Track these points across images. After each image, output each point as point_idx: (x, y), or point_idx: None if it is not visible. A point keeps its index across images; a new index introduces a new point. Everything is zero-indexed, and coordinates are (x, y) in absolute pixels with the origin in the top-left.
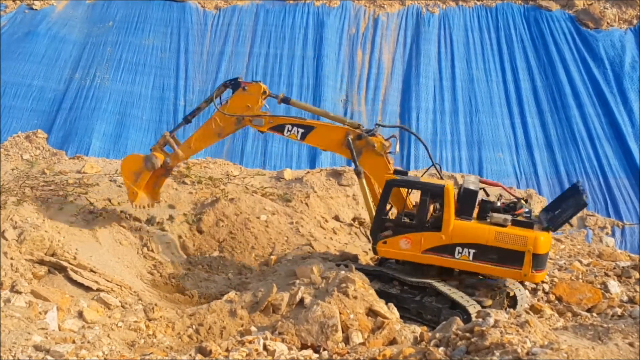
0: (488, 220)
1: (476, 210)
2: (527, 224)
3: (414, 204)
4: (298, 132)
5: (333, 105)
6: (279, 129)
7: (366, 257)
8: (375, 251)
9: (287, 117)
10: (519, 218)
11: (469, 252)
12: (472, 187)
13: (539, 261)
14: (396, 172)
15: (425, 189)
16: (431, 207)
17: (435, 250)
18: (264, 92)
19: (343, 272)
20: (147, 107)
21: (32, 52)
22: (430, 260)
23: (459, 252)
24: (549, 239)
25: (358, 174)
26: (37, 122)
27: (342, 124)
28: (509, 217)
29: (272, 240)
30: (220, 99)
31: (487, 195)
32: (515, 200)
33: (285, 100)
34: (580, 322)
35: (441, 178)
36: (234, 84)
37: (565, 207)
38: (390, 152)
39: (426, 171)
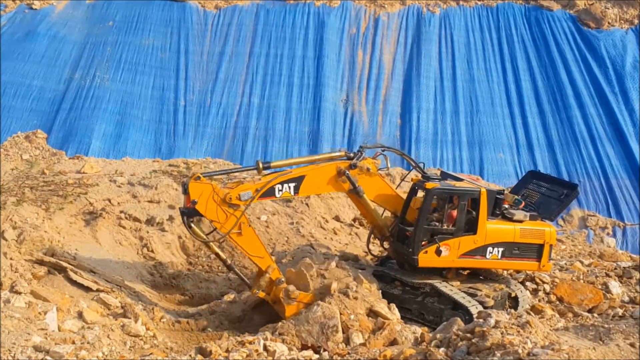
0: (510, 217)
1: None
2: (537, 217)
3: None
4: (290, 187)
5: (334, 105)
6: (269, 193)
7: (366, 258)
8: (416, 262)
9: (272, 175)
10: (516, 210)
11: (498, 251)
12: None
13: (551, 252)
14: (426, 177)
15: (464, 195)
16: (455, 212)
17: (470, 253)
18: (198, 178)
19: (360, 271)
20: (147, 107)
21: (32, 52)
22: (466, 263)
23: (490, 252)
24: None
25: (359, 193)
26: (36, 122)
27: (330, 161)
28: (527, 213)
29: (273, 241)
30: (203, 233)
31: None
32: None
33: (266, 167)
34: (581, 322)
35: (426, 177)
36: (187, 213)
37: (558, 197)
38: (381, 169)
39: (406, 176)
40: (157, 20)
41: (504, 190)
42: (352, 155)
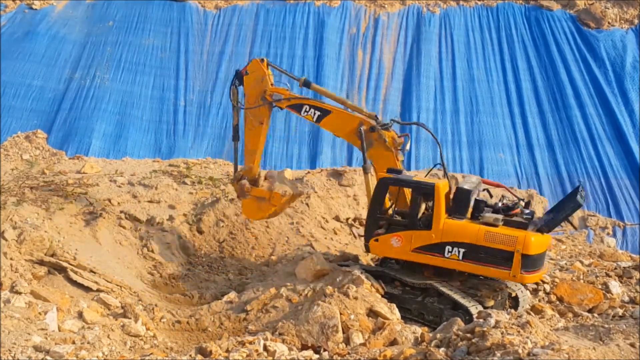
0: (480, 219)
1: (470, 210)
2: (521, 224)
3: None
4: (315, 114)
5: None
6: (297, 108)
7: (366, 258)
8: (367, 248)
9: (306, 97)
10: (516, 218)
11: (459, 251)
12: (466, 186)
13: (529, 262)
14: (390, 170)
15: (416, 187)
16: (423, 206)
17: (426, 248)
18: (262, 60)
19: (357, 271)
20: (147, 107)
21: (32, 52)
22: (420, 258)
23: (448, 251)
24: (543, 240)
25: (365, 169)
26: (36, 122)
27: (359, 113)
28: (500, 216)
29: (273, 241)
30: (237, 100)
31: (491, 196)
32: (516, 201)
33: (307, 84)
34: (582, 322)
35: (447, 178)
36: (238, 77)
37: (560, 208)
38: (401, 150)
39: (429, 171)
40: (157, 20)
41: (522, 199)
42: (381, 122)
